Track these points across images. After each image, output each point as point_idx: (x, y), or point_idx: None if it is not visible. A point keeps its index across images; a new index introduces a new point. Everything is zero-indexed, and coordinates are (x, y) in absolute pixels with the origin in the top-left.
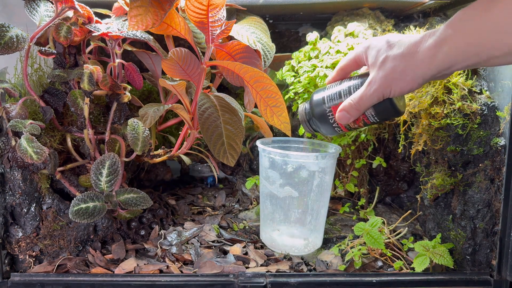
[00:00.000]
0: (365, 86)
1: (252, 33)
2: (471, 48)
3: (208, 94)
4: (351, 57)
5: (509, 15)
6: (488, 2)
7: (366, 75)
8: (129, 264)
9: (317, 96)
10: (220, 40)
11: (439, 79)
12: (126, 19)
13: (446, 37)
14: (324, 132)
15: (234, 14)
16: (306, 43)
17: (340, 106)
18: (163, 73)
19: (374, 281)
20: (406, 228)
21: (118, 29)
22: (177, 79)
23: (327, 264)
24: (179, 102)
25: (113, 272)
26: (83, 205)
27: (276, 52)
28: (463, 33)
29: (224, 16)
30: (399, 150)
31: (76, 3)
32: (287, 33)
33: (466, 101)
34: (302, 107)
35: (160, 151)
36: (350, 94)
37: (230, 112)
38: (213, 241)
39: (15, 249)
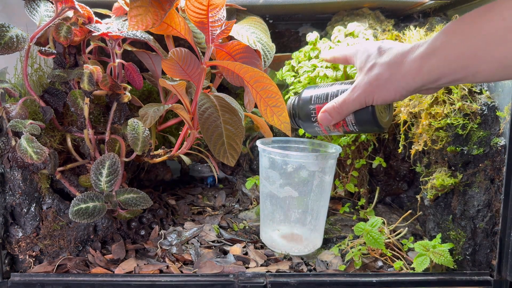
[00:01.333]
0: (349, 90)
1: (252, 33)
2: (459, 60)
3: (208, 94)
4: (342, 54)
5: (497, 27)
6: (476, 15)
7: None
8: (129, 264)
9: (306, 93)
10: (220, 40)
11: (424, 93)
12: (126, 19)
13: (434, 49)
14: (306, 130)
15: (234, 14)
16: (306, 43)
17: (324, 107)
18: (163, 73)
19: (374, 281)
20: (406, 228)
21: (118, 29)
22: (177, 79)
23: (327, 264)
24: (179, 102)
25: (113, 272)
26: (83, 205)
27: (276, 52)
28: (452, 44)
29: (224, 16)
30: (399, 150)
31: (76, 3)
32: (287, 33)
33: (466, 101)
34: (291, 101)
35: (160, 151)
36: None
37: (230, 112)
38: (213, 241)
39: (15, 249)
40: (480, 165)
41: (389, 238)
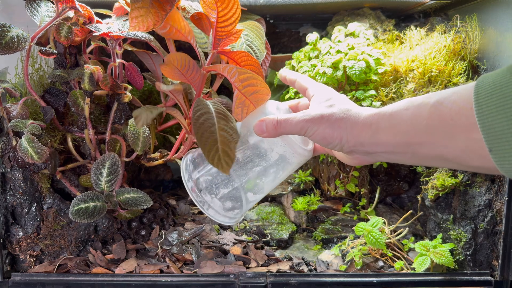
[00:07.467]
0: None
1: (244, 35)
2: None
3: (205, 100)
4: (304, 81)
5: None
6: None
7: None
8: (130, 264)
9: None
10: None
11: (361, 154)
12: (127, 19)
13: (386, 126)
14: None
15: None
16: (307, 43)
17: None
18: None
19: (375, 281)
20: (407, 228)
21: (119, 29)
22: (176, 81)
23: (328, 264)
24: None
25: (114, 272)
26: (83, 205)
27: (277, 52)
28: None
29: (231, 24)
30: None
31: (77, 3)
32: (288, 33)
33: None
34: None
35: (156, 154)
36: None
37: (226, 118)
38: (213, 241)
39: (16, 249)
40: None
41: (389, 238)
